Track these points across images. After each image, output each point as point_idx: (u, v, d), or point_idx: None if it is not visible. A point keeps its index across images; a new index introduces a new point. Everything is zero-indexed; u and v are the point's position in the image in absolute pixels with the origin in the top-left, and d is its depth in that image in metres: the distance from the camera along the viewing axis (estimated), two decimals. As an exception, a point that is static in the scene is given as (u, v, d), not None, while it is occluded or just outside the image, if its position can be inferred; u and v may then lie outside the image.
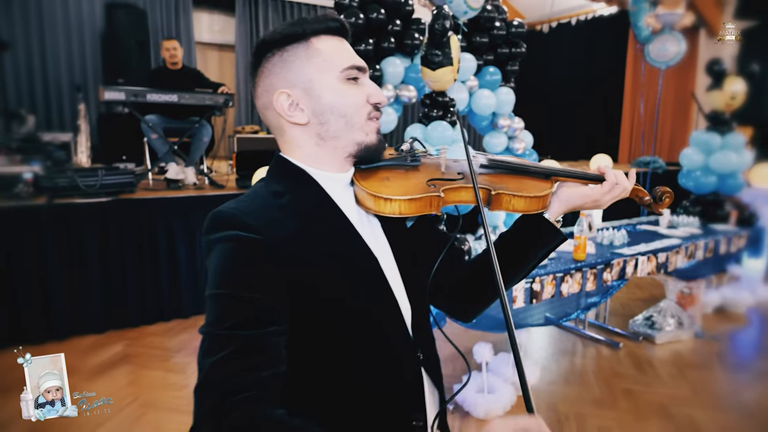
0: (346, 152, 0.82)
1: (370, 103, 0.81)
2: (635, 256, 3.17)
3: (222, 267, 0.71)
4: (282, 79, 0.80)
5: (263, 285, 0.70)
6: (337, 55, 0.80)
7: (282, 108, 0.80)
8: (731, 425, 2.51)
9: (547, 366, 3.13)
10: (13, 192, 3.37)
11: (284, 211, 0.77)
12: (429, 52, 2.59)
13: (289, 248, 0.73)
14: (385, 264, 0.81)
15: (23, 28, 6.17)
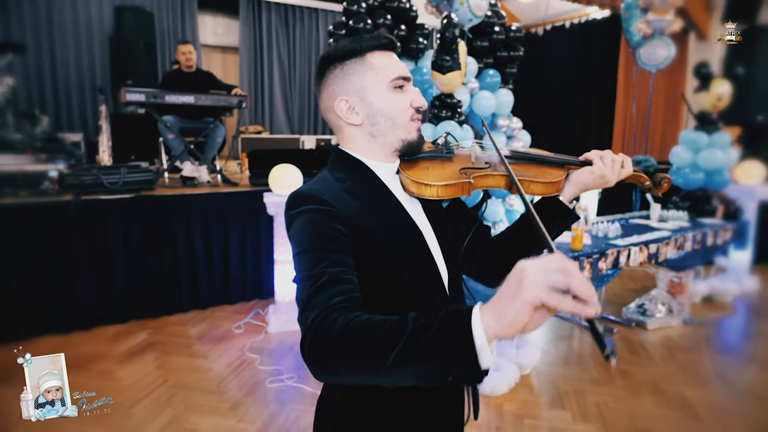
0: (392, 147, 1.01)
1: (413, 107, 1.00)
2: (628, 246, 3.39)
3: (307, 231, 0.90)
4: (342, 88, 0.98)
5: (338, 244, 0.88)
6: (387, 67, 0.99)
7: (341, 111, 0.99)
8: (718, 401, 2.73)
9: (547, 349, 3.36)
10: (39, 189, 3.55)
11: (347, 192, 0.96)
12: (440, 58, 2.81)
13: (353, 221, 0.92)
14: (427, 237, 1.01)
15: (34, 31, 6.32)
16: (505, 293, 0.63)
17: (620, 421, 2.52)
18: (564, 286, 0.60)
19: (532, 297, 0.60)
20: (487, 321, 0.64)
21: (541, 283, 0.60)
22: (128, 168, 3.74)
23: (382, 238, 0.94)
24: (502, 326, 0.63)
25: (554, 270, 0.61)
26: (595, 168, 1.04)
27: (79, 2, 6.56)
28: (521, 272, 0.62)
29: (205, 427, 2.41)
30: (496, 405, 2.65)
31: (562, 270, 0.61)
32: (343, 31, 3.97)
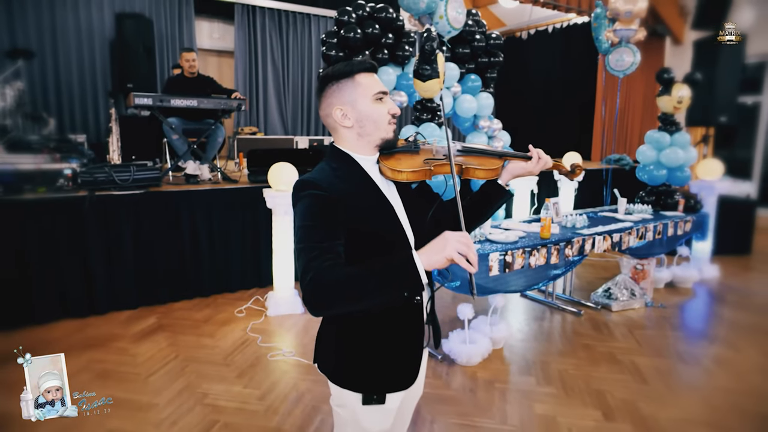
0: (375, 144, 1.35)
1: (390, 113, 1.34)
2: (592, 235, 3.77)
3: (308, 210, 1.22)
4: (338, 99, 1.32)
5: (331, 220, 1.22)
6: (371, 85, 1.33)
7: (338, 117, 1.32)
8: (665, 367, 3.11)
9: (519, 328, 3.73)
10: (56, 185, 3.86)
11: (339, 178, 1.30)
12: (420, 67, 3.16)
13: (343, 199, 1.25)
14: (398, 211, 1.35)
15: (39, 37, 6.61)
16: (434, 248, 1.07)
17: (577, 384, 2.89)
18: (465, 253, 1.03)
19: (448, 254, 1.04)
20: (420, 259, 1.05)
21: (454, 248, 1.03)
22: (137, 166, 4.06)
23: (363, 211, 1.27)
24: (426, 265, 1.07)
25: (463, 243, 1.04)
26: (523, 163, 1.40)
27: (82, 9, 6.86)
28: (446, 239, 1.06)
29: (216, 391, 2.75)
30: (471, 373, 3.02)
31: (466, 244, 1.05)
32: (335, 40, 4.31)
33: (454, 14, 3.55)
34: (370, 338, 1.26)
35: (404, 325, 1.29)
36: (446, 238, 1.06)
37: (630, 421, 2.53)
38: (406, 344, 1.30)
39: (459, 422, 2.50)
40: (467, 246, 1.04)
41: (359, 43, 4.23)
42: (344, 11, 4.28)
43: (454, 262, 1.04)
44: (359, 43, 4.23)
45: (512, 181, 1.48)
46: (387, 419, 1.30)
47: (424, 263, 1.06)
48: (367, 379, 1.27)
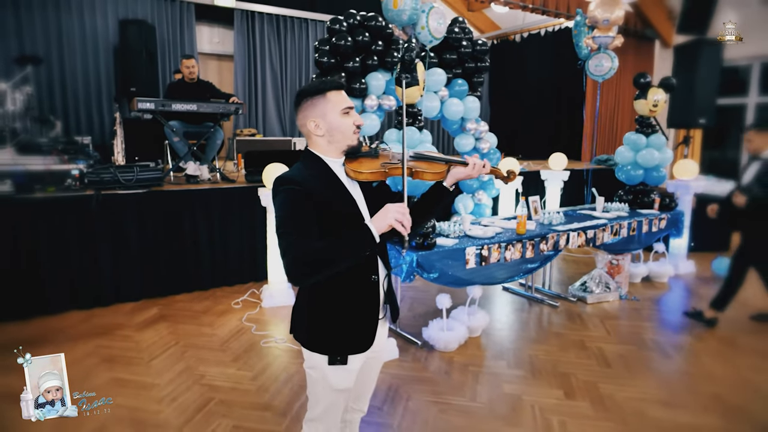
0: (341, 149, 1.59)
1: (355, 125, 1.59)
2: (567, 231, 4.02)
3: (285, 202, 1.47)
4: (311, 112, 1.57)
5: (305, 209, 1.46)
6: (340, 101, 1.57)
7: (311, 127, 1.57)
8: (629, 353, 3.35)
9: (498, 318, 3.97)
10: (64, 185, 4.12)
11: (312, 177, 1.54)
12: (400, 75, 3.41)
13: (313, 194, 1.49)
14: (360, 204, 1.59)
15: (46, 43, 6.88)
16: (380, 216, 1.39)
17: (545, 367, 3.14)
18: (400, 219, 1.34)
19: (389, 220, 1.33)
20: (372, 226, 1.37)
21: (393, 216, 1.30)
22: (140, 167, 4.32)
23: (330, 203, 1.52)
24: (376, 229, 1.39)
25: (400, 212, 1.34)
26: (463, 168, 1.64)
27: (87, 16, 7.13)
28: (387, 209, 1.37)
29: (212, 373, 3.00)
30: (448, 358, 3.27)
31: (402, 213, 1.35)
32: (327, 47, 4.55)
33: (435, 25, 3.79)
34: (334, 311, 1.51)
35: (362, 299, 1.54)
36: (387, 208, 1.40)
37: (589, 399, 2.77)
38: (363, 315, 1.55)
39: (432, 400, 2.75)
40: (403, 214, 1.38)
41: (350, 51, 4.47)
42: (336, 20, 4.52)
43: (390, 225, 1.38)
44: (350, 50, 4.46)
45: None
46: (349, 378, 1.55)
47: (375, 227, 1.39)
48: (332, 344, 1.52)
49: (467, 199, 5.58)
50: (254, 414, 2.58)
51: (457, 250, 3.39)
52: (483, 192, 5.54)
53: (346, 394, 1.60)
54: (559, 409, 2.67)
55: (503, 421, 2.56)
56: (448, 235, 3.65)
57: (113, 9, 7.33)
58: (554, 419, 2.57)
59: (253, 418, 2.54)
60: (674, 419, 2.58)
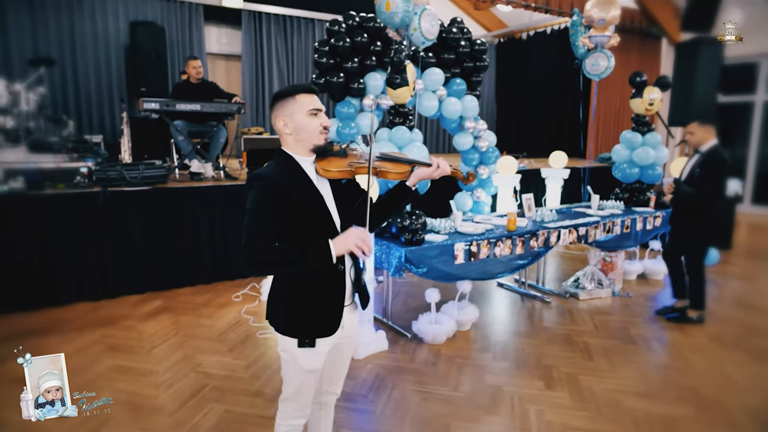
0: (309, 148, 1.69)
1: (321, 125, 1.70)
2: (557, 228, 4.09)
3: (254, 197, 1.58)
4: (282, 113, 1.68)
5: (270, 206, 1.57)
6: (308, 103, 1.68)
7: (281, 126, 1.69)
8: (613, 347, 3.43)
9: (489, 313, 4.07)
10: (73, 182, 4.30)
11: (282, 174, 1.65)
12: (391, 76, 3.52)
13: (283, 190, 1.60)
14: (327, 199, 1.70)
15: (59, 45, 7.11)
16: (342, 240, 1.50)
17: (529, 360, 3.23)
18: (360, 246, 1.46)
19: (350, 246, 1.46)
20: (333, 246, 1.47)
21: (353, 242, 1.46)
22: (145, 165, 4.48)
23: (299, 199, 1.63)
24: (337, 251, 1.49)
25: (360, 239, 1.47)
26: (426, 168, 1.75)
27: (99, 18, 7.35)
28: (348, 235, 1.49)
29: (208, 362, 3.15)
30: (436, 350, 3.38)
31: (362, 239, 1.47)
32: (327, 48, 4.67)
33: (427, 26, 3.89)
34: (304, 298, 1.64)
35: (328, 287, 1.66)
36: (349, 234, 1.50)
37: (568, 390, 2.86)
38: (329, 302, 1.66)
39: (416, 389, 2.86)
40: (363, 240, 1.48)
41: (348, 51, 4.57)
42: (335, 21, 4.63)
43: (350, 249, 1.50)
44: (348, 51, 4.57)
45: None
46: (318, 360, 1.68)
47: (336, 250, 1.50)
48: (301, 328, 1.64)
49: (466, 196, 5.67)
50: (245, 400, 2.72)
51: (446, 246, 3.49)
52: (482, 190, 5.62)
53: (316, 375, 1.72)
54: (537, 399, 2.76)
55: (482, 409, 2.66)
56: (438, 232, 3.75)
57: (124, 11, 7.54)
58: (532, 408, 2.67)
59: (244, 403, 2.68)
60: (648, 409, 2.66)
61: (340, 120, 4.19)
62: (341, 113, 4.16)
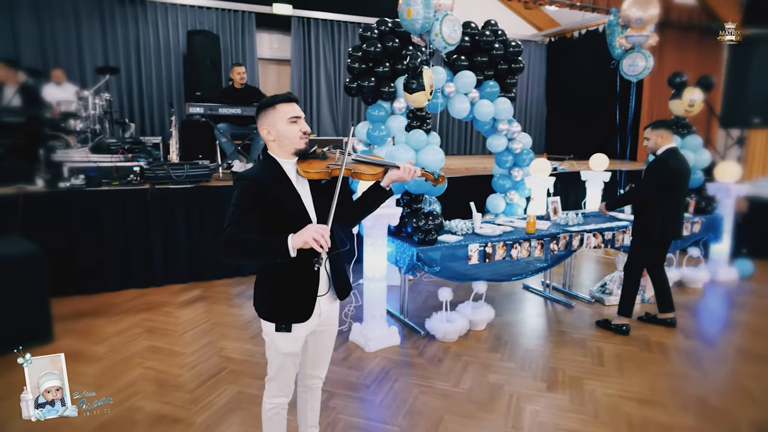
0: (290, 152, 1.85)
1: (301, 131, 1.86)
2: (580, 232, 4.05)
3: (236, 194, 1.76)
4: (265, 121, 1.85)
5: (248, 203, 1.74)
6: (287, 111, 1.84)
7: (265, 134, 1.87)
8: (627, 353, 3.37)
9: (508, 314, 4.09)
10: (127, 180, 4.74)
11: (264, 175, 1.83)
12: (408, 81, 3.65)
13: (264, 190, 1.77)
14: (305, 198, 1.85)
15: (126, 54, 7.77)
16: (300, 233, 1.59)
17: (537, 362, 3.25)
18: (317, 239, 1.54)
19: (305, 239, 1.55)
20: (291, 241, 1.58)
21: (310, 235, 1.55)
22: (190, 164, 4.86)
23: (278, 196, 1.79)
24: (293, 244, 1.58)
25: (318, 232, 1.56)
26: (397, 171, 1.87)
27: (161, 28, 7.95)
28: (307, 229, 1.58)
29: (231, 347, 3.42)
30: (445, 347, 3.47)
31: (320, 233, 1.56)
32: (360, 53, 4.85)
33: (449, 32, 3.97)
34: (280, 286, 1.81)
35: (302, 279, 1.82)
36: (307, 228, 1.59)
37: (569, 393, 2.87)
38: (303, 292, 1.82)
39: (417, 383, 2.98)
40: (320, 234, 1.56)
41: (379, 56, 4.73)
42: (368, 27, 4.80)
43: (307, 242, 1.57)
44: (379, 56, 4.73)
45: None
46: (295, 344, 1.85)
47: (294, 243, 1.59)
48: (278, 314, 1.82)
49: (500, 198, 5.68)
50: (257, 383, 2.94)
51: (459, 247, 3.57)
52: (515, 192, 5.62)
53: (294, 358, 1.89)
54: (536, 400, 2.80)
55: (477, 405, 2.74)
56: (455, 233, 3.83)
57: (183, 21, 8.11)
58: (528, 408, 2.72)
59: (255, 386, 2.90)
60: (646, 415, 2.63)
61: (371, 123, 4.36)
62: (372, 116, 4.32)
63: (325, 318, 1.92)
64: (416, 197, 3.86)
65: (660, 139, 3.60)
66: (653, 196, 3.54)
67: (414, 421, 2.59)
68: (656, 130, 3.61)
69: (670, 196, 3.54)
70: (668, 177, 3.52)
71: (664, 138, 3.59)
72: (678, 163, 3.56)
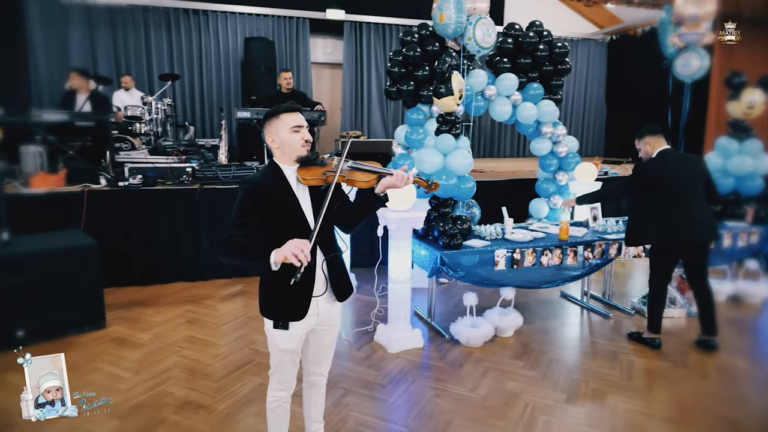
0: (293, 159, 1.94)
1: (303, 139, 1.95)
2: (618, 240, 3.90)
3: (239, 198, 1.88)
4: (269, 130, 1.97)
5: (248, 206, 1.86)
6: (290, 121, 1.94)
7: (269, 142, 1.98)
8: (660, 368, 3.22)
9: (540, 322, 4.01)
10: (180, 180, 5.07)
11: (266, 181, 1.93)
12: (437, 86, 3.67)
13: (265, 194, 1.88)
14: (303, 204, 1.93)
15: (189, 60, 8.29)
16: (281, 248, 1.66)
17: (560, 372, 3.18)
18: (296, 254, 1.61)
19: (285, 253, 1.63)
20: (273, 256, 1.67)
21: (289, 250, 1.63)
22: (237, 166, 5.13)
23: (277, 201, 1.90)
24: (275, 259, 1.66)
25: (297, 248, 1.63)
26: (390, 178, 1.92)
27: (221, 36, 8.41)
28: (289, 243, 1.65)
29: (261, 341, 3.59)
30: (468, 352, 3.46)
31: (299, 248, 1.63)
32: (400, 58, 4.91)
33: (482, 35, 3.95)
34: (277, 287, 1.91)
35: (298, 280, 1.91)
36: (288, 243, 1.66)
37: (588, 406, 2.79)
38: (297, 292, 1.91)
39: (433, 386, 3.00)
40: (299, 249, 1.62)
41: (418, 60, 4.78)
42: (409, 32, 4.86)
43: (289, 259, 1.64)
44: (418, 59, 4.77)
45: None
46: (292, 341, 1.95)
47: (275, 258, 1.67)
48: (275, 312, 1.93)
49: (542, 203, 5.56)
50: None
51: (485, 252, 3.56)
52: (559, 196, 5.47)
53: (292, 354, 2.00)
54: (551, 411, 2.74)
55: (489, 411, 2.73)
56: (484, 237, 3.81)
57: (241, 29, 8.53)
58: (541, 418, 2.67)
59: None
60: (666, 435, 2.52)
61: (409, 126, 4.41)
62: (410, 119, 4.38)
63: (324, 318, 2.01)
64: (444, 201, 3.87)
65: (648, 146, 3.51)
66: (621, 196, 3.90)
67: (422, 423, 2.62)
68: (642, 140, 3.55)
69: (657, 197, 3.38)
70: (643, 178, 3.43)
71: (652, 144, 3.50)
72: (663, 165, 3.40)
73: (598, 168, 6.89)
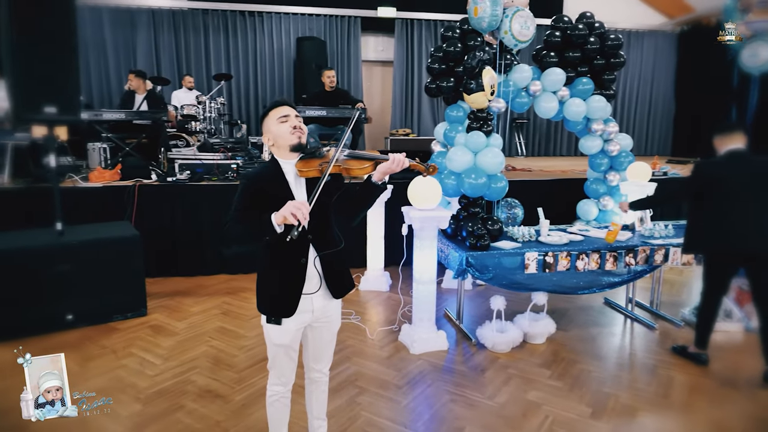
0: (287, 149, 1.94)
1: (291, 126, 1.93)
2: (665, 246, 3.62)
3: (238, 190, 1.91)
4: (264, 131, 1.98)
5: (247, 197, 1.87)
6: (275, 113, 1.94)
7: (266, 140, 1.99)
8: (703, 386, 2.95)
9: (576, 329, 3.80)
10: (225, 176, 5.27)
11: (264, 174, 1.95)
12: (467, 82, 3.56)
13: (262, 186, 1.89)
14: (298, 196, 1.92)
15: (245, 61, 8.59)
16: (279, 211, 1.67)
17: (589, 384, 2.99)
18: (294, 212, 1.62)
19: (284, 212, 1.65)
20: (274, 217, 1.68)
21: (289, 209, 1.64)
22: (278, 163, 5.24)
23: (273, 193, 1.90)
24: (275, 219, 1.67)
25: (296, 207, 1.64)
26: (386, 163, 1.87)
27: (274, 36, 8.66)
28: (288, 203, 1.67)
29: (287, 335, 3.65)
30: (493, 358, 3.34)
31: (298, 207, 1.64)
32: (440, 53, 4.83)
33: (518, 28, 3.79)
34: (269, 283, 1.93)
35: (288, 276, 1.91)
36: (287, 204, 1.68)
37: (614, 422, 2.61)
38: (288, 289, 1.92)
39: (451, 390, 2.92)
40: (298, 208, 1.64)
41: (459, 56, 4.67)
42: (450, 27, 4.76)
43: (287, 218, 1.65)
44: (459, 55, 4.66)
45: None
46: (284, 336, 1.96)
47: (276, 219, 1.69)
48: (268, 308, 1.95)
49: (591, 205, 5.28)
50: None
51: (513, 254, 3.42)
52: (609, 198, 5.18)
53: (287, 349, 2.01)
54: (573, 425, 2.59)
55: (504, 420, 2.62)
56: (516, 239, 3.67)
57: (294, 29, 8.73)
58: (560, 432, 2.53)
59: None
60: (697, 461, 2.30)
61: (449, 123, 4.33)
62: (450, 116, 4.29)
63: (320, 314, 2.00)
64: (474, 200, 3.76)
65: (718, 145, 3.23)
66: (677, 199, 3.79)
67: (433, 428, 2.56)
68: (714, 138, 3.27)
69: (716, 201, 3.08)
70: (699, 180, 3.17)
71: (721, 142, 3.20)
72: (726, 166, 3.11)
73: (656, 168, 6.46)
